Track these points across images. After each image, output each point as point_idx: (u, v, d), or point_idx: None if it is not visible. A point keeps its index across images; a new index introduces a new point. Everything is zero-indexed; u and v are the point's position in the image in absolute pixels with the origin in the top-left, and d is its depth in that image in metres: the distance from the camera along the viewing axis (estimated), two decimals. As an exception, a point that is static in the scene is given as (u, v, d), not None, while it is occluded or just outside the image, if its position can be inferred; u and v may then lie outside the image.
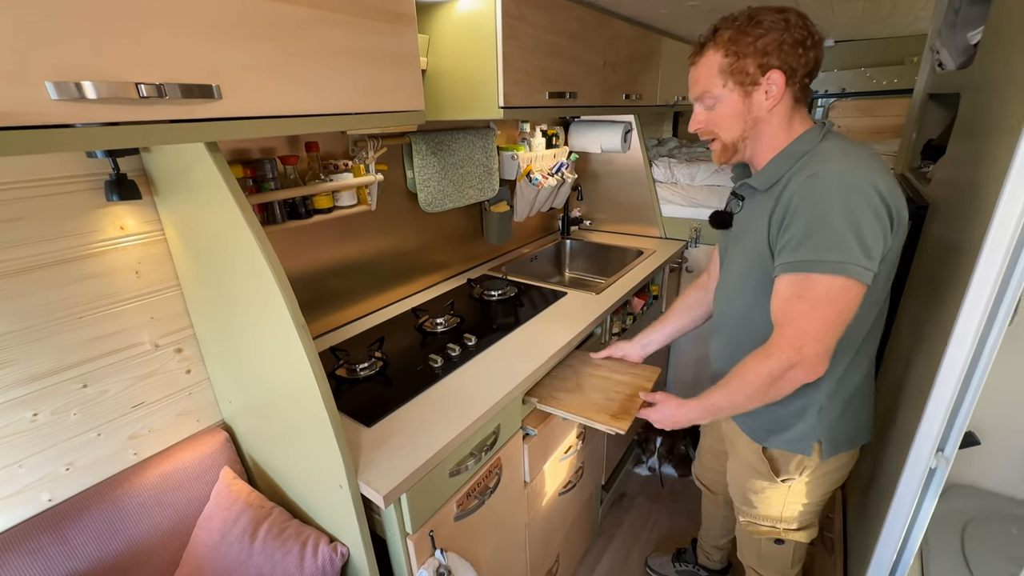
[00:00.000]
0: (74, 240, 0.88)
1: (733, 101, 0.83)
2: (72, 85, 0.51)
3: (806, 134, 0.83)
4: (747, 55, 0.79)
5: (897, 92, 2.47)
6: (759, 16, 0.79)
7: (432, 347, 1.25)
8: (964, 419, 0.77)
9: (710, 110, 0.87)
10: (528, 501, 1.24)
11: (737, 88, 0.82)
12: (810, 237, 0.75)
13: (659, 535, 1.85)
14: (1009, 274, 0.69)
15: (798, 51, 0.77)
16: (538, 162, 1.84)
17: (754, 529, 1.10)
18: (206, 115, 0.63)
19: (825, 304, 0.75)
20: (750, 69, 0.80)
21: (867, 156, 0.79)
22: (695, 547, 1.64)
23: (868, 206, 0.73)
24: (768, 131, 0.85)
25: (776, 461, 1.00)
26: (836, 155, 0.78)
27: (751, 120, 0.84)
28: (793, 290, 0.77)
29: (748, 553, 1.20)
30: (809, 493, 1.00)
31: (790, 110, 0.83)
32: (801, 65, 0.79)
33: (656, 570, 1.68)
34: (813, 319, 0.76)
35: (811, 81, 0.83)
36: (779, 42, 0.77)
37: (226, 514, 0.99)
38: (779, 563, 1.13)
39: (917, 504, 0.84)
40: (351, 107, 0.82)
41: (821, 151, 0.81)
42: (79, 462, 0.95)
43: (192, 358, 1.09)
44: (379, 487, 0.79)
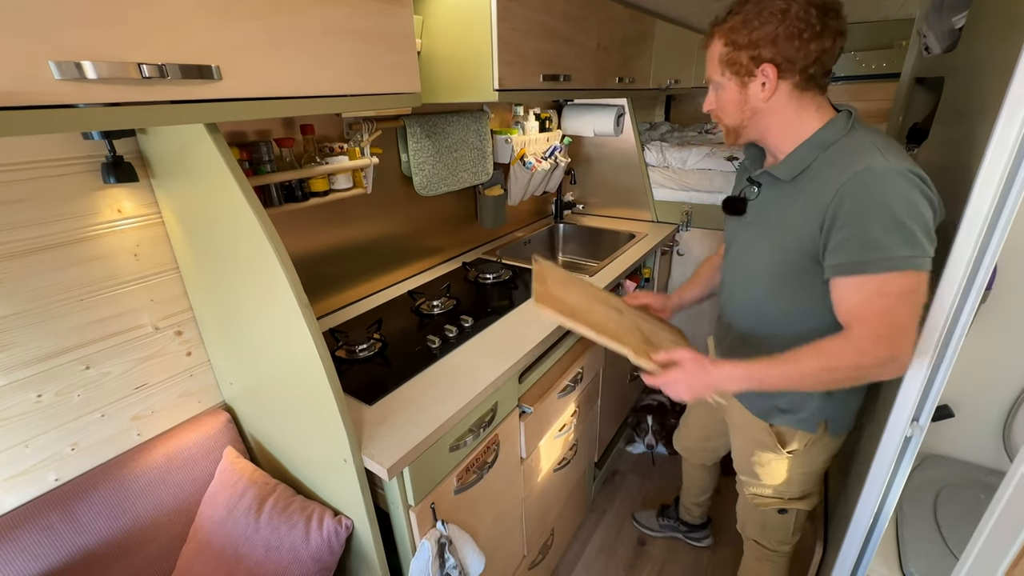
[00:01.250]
0: (72, 223, 0.88)
1: (731, 90, 0.84)
2: (74, 65, 0.52)
3: (831, 124, 0.81)
4: (741, 47, 0.80)
5: (886, 76, 2.49)
6: (759, 4, 0.78)
7: (429, 328, 1.28)
8: (937, 392, 0.82)
9: (716, 94, 0.88)
10: (524, 477, 1.29)
11: (734, 78, 0.83)
12: (884, 235, 0.72)
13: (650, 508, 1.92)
14: (982, 253, 0.73)
15: (794, 43, 0.76)
16: (532, 146, 1.84)
17: (760, 501, 1.13)
18: (206, 96, 0.64)
19: (909, 298, 0.74)
20: (744, 61, 0.80)
21: (900, 148, 0.79)
22: (677, 504, 1.75)
23: (923, 198, 0.73)
24: (776, 120, 0.84)
25: (783, 436, 1.02)
26: (878, 149, 0.76)
27: (748, 110, 0.84)
28: (872, 288, 0.75)
29: (751, 526, 1.22)
30: (811, 462, 1.03)
31: (796, 100, 0.82)
32: (800, 57, 0.77)
33: (642, 523, 1.81)
34: (902, 314, 0.74)
35: (823, 70, 0.80)
36: (773, 35, 0.77)
37: (231, 491, 1.02)
38: (782, 532, 1.16)
39: (893, 470, 0.89)
40: (349, 88, 0.82)
41: (853, 144, 0.79)
42: (84, 442, 0.97)
43: (192, 340, 1.10)
44: (382, 461, 0.82)
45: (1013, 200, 0.68)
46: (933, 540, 1.03)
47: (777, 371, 0.82)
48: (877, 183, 0.73)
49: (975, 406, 1.20)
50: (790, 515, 1.13)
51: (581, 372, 1.44)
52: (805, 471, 1.05)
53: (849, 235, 0.75)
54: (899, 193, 0.72)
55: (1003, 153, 0.67)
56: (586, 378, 1.49)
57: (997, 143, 0.67)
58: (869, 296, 0.75)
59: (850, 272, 0.76)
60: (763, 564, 1.25)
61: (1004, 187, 0.68)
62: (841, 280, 0.78)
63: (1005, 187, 0.68)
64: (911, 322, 0.74)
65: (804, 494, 1.10)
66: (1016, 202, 0.68)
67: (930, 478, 1.21)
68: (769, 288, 0.91)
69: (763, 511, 1.15)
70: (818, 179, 0.80)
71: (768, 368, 0.82)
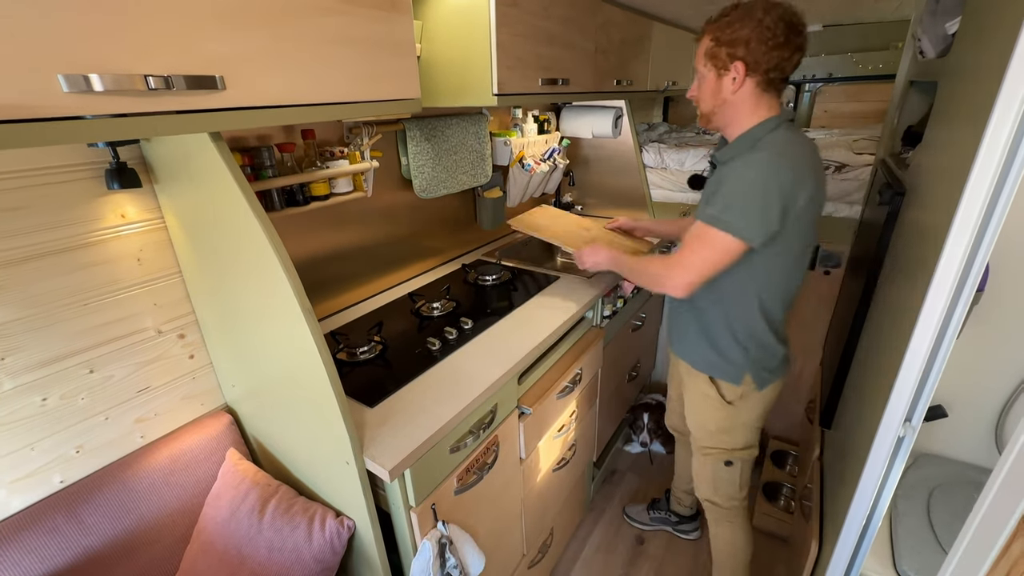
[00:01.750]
0: (76, 228, 0.89)
1: (710, 80, 1.02)
2: (82, 78, 0.53)
3: (765, 122, 1.00)
4: (722, 44, 0.97)
5: (882, 77, 2.50)
6: (746, 11, 0.94)
7: (429, 331, 1.29)
8: (930, 390, 0.83)
9: (699, 83, 1.06)
10: (524, 477, 1.30)
11: (714, 70, 1.00)
12: (725, 201, 0.96)
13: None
14: (974, 254, 0.74)
15: (762, 48, 0.93)
16: (530, 148, 1.86)
17: (707, 452, 1.29)
18: (211, 105, 0.65)
19: (712, 249, 0.99)
20: (722, 56, 0.97)
21: (793, 151, 0.98)
22: (668, 497, 1.81)
23: (777, 190, 0.94)
24: (735, 112, 1.02)
25: (721, 389, 1.21)
26: (771, 146, 0.97)
27: (720, 99, 1.02)
28: (698, 230, 1.01)
29: (703, 484, 1.36)
30: (749, 413, 1.21)
31: (756, 97, 0.99)
32: (764, 60, 0.94)
33: (633, 517, 1.85)
34: (700, 257, 1.00)
35: (781, 75, 0.98)
36: (747, 39, 0.94)
37: (234, 492, 1.03)
38: (730, 486, 1.32)
39: (886, 470, 0.91)
40: (350, 96, 0.83)
41: (768, 141, 0.98)
42: (88, 445, 0.98)
43: (195, 343, 1.11)
44: (384, 463, 0.83)
45: (1004, 201, 0.69)
46: (926, 538, 1.05)
47: (630, 262, 1.19)
48: (748, 167, 0.96)
49: (968, 406, 1.22)
50: (735, 467, 1.29)
51: (580, 373, 1.45)
52: (743, 422, 1.22)
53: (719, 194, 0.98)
54: (756, 177, 0.94)
55: (994, 155, 0.68)
56: (585, 378, 1.51)
57: (988, 145, 0.68)
58: (694, 233, 1.02)
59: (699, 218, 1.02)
60: (723, 527, 1.38)
61: (995, 188, 0.69)
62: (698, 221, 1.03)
63: (996, 188, 0.69)
64: (701, 265, 1.01)
65: (746, 445, 1.26)
66: (1007, 203, 0.69)
67: (923, 477, 1.22)
68: None
69: (712, 467, 1.30)
70: (733, 165, 1.00)
71: (629, 260, 1.20)
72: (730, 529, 1.38)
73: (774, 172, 0.93)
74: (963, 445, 1.26)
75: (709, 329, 1.17)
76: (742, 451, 1.26)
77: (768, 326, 1.12)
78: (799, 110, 2.78)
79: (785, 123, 1.01)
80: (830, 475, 1.46)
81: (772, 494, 1.89)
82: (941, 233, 0.76)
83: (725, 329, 1.13)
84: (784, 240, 1.00)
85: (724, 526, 1.38)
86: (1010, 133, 0.66)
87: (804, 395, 2.12)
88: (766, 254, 1.01)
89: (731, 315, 1.11)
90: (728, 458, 1.27)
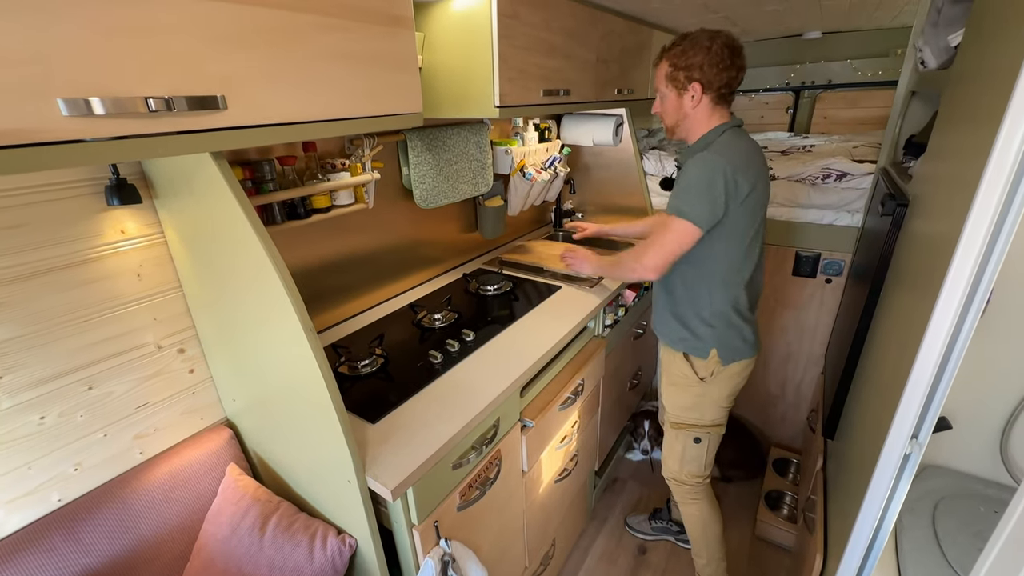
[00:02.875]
0: (75, 245, 0.88)
1: (672, 98, 1.20)
2: (83, 101, 0.52)
3: (716, 128, 1.18)
4: (680, 68, 1.15)
5: (882, 84, 2.51)
6: (695, 40, 1.13)
7: (431, 343, 1.28)
8: (937, 408, 0.83)
9: (661, 101, 1.24)
10: (526, 489, 1.29)
11: (674, 90, 1.18)
12: (681, 194, 1.15)
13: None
14: (984, 265, 0.73)
15: (714, 71, 1.12)
16: (531, 156, 1.85)
17: (679, 427, 1.41)
18: (212, 125, 0.64)
19: (673, 235, 1.15)
20: (681, 78, 1.16)
21: (735, 149, 1.15)
22: (669, 506, 1.81)
23: (721, 182, 1.10)
24: (694, 123, 1.21)
25: (695, 365, 1.34)
26: (715, 147, 1.15)
27: (681, 113, 1.20)
28: (662, 219, 1.18)
29: (671, 460, 1.48)
30: (718, 391, 1.34)
31: (710, 110, 1.18)
32: (716, 80, 1.13)
33: (634, 527, 1.86)
34: (663, 243, 1.17)
35: (729, 91, 1.16)
36: (701, 63, 1.12)
37: (235, 509, 1.02)
38: (696, 464, 1.44)
39: (892, 488, 0.90)
40: (352, 111, 0.83)
41: (716, 142, 1.16)
42: (87, 462, 0.97)
43: (195, 358, 1.11)
44: (386, 482, 0.82)
45: (1016, 209, 0.68)
46: (932, 552, 1.04)
47: (609, 264, 1.36)
48: (697, 164, 1.13)
49: (972, 418, 1.21)
50: (703, 444, 1.40)
51: (582, 384, 1.45)
52: (713, 399, 1.35)
53: (676, 189, 1.18)
54: (702, 173, 1.12)
55: (1005, 162, 0.66)
56: (587, 389, 1.50)
57: (1000, 152, 0.66)
58: (659, 223, 1.19)
59: (667, 210, 1.19)
60: (689, 506, 1.50)
61: (1007, 196, 0.67)
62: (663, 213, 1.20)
63: (1008, 195, 0.67)
64: (663, 250, 1.17)
65: (714, 422, 1.38)
66: (1019, 211, 0.68)
67: (929, 489, 1.22)
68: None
69: (681, 444, 1.43)
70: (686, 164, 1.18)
71: (608, 263, 1.38)
72: (697, 507, 1.49)
73: (717, 167, 1.10)
74: (968, 457, 1.26)
75: (680, 309, 1.32)
76: (711, 427, 1.39)
77: (731, 306, 1.27)
78: (799, 116, 2.78)
79: (732, 128, 1.18)
80: (834, 487, 1.45)
81: (774, 503, 1.88)
82: (950, 244, 0.74)
83: (692, 308, 1.29)
84: (732, 225, 1.17)
85: (691, 505, 1.49)
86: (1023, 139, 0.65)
87: (806, 403, 2.11)
88: (719, 238, 1.18)
89: (697, 295, 1.27)
90: (698, 434, 1.39)
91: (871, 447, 0.99)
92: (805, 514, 1.49)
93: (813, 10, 1.90)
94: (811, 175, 1.82)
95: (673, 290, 1.32)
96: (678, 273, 1.28)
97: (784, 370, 2.09)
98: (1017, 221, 0.68)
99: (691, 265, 1.24)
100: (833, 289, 1.89)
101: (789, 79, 2.73)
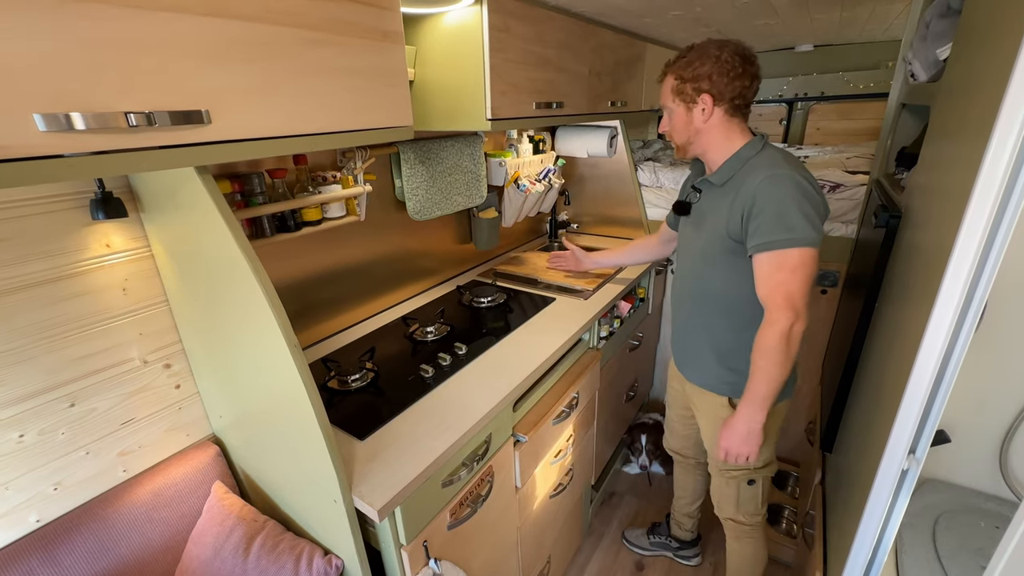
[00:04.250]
0: (59, 259, 0.87)
1: (680, 113, 1.11)
2: (61, 117, 0.52)
3: (749, 144, 1.08)
4: (688, 80, 1.06)
5: (873, 96, 2.53)
6: (702, 50, 1.05)
7: (423, 356, 1.27)
8: (934, 423, 0.81)
9: (669, 117, 1.14)
10: (520, 506, 1.27)
11: (682, 104, 1.09)
12: (779, 222, 0.98)
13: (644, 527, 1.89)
14: (978, 277, 0.72)
15: (724, 80, 1.03)
16: (525, 168, 1.85)
17: (731, 475, 1.29)
18: (196, 140, 0.64)
19: (800, 269, 0.98)
20: (689, 91, 1.06)
21: (799, 163, 1.06)
22: (668, 521, 1.77)
23: (809, 197, 0.99)
24: (711, 139, 1.09)
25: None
26: (781, 162, 1.02)
27: (693, 129, 1.10)
28: (774, 264, 1.00)
29: (726, 505, 1.36)
30: (767, 432, 1.18)
31: (726, 123, 1.08)
32: (728, 90, 1.03)
33: (632, 542, 1.82)
34: (795, 282, 0.98)
35: (744, 102, 1.07)
36: (710, 73, 1.03)
37: (219, 528, 0.99)
38: (753, 504, 1.34)
39: (890, 504, 0.88)
40: (340, 126, 0.82)
41: (765, 158, 1.05)
42: (67, 481, 0.94)
43: (181, 373, 1.09)
44: (373, 502, 0.80)
45: (1009, 219, 0.67)
46: (934, 571, 1.02)
47: (758, 382, 1.04)
48: (778, 184, 0.99)
49: (971, 431, 1.20)
50: (758, 485, 1.30)
51: (577, 396, 1.43)
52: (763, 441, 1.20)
53: (760, 222, 1.00)
54: (795, 192, 0.98)
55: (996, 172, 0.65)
56: (582, 402, 1.48)
57: (990, 162, 0.66)
58: (771, 271, 1.00)
59: (762, 249, 1.00)
60: (744, 543, 1.39)
61: (999, 206, 0.67)
62: (758, 256, 1.02)
63: (1000, 206, 0.67)
64: (801, 289, 0.99)
65: (766, 463, 1.28)
66: (1012, 221, 0.67)
67: (928, 504, 1.20)
68: (706, 264, 1.15)
69: (735, 487, 1.30)
70: (740, 183, 1.04)
71: (753, 388, 1.06)
72: (751, 544, 1.39)
73: (802, 183, 0.99)
74: (967, 470, 1.24)
75: (725, 349, 1.18)
76: (763, 469, 1.28)
77: None
78: (793, 127, 2.81)
79: (768, 143, 1.10)
80: (832, 502, 1.43)
81: (774, 517, 1.86)
82: (943, 255, 0.74)
83: (740, 347, 1.13)
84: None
85: (745, 542, 1.40)
86: (1013, 149, 0.64)
87: (804, 415, 2.09)
88: None
89: (745, 333, 1.10)
90: (751, 477, 1.28)
91: (869, 462, 0.98)
92: (804, 529, 1.46)
93: (804, 24, 1.92)
94: (805, 186, 1.82)
95: (716, 329, 1.18)
96: (715, 309, 1.15)
97: (781, 381, 2.07)
98: (1010, 231, 0.68)
99: (739, 299, 1.10)
100: (828, 300, 1.88)
101: (782, 91, 2.76)
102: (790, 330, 0.99)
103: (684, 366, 1.32)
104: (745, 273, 1.06)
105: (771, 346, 1.00)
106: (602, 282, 1.73)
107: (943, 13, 1.16)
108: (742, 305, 1.10)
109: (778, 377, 1.03)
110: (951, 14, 1.15)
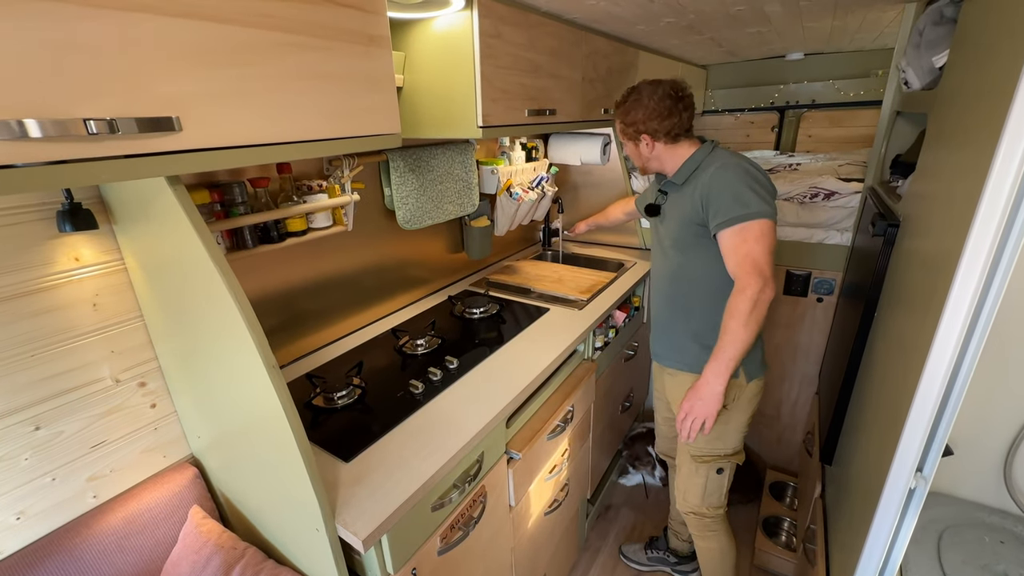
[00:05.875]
0: (22, 275, 0.82)
1: (631, 147, 1.29)
2: (14, 124, 0.47)
3: (700, 150, 1.22)
4: (628, 125, 1.24)
5: (864, 104, 2.54)
6: (636, 98, 1.20)
7: (413, 371, 1.22)
8: (942, 439, 0.79)
9: (625, 147, 1.32)
10: (514, 526, 1.22)
11: (630, 141, 1.27)
12: (736, 200, 1.09)
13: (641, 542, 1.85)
14: (987, 287, 0.69)
15: (656, 122, 1.19)
16: (518, 176, 1.82)
17: (702, 460, 1.34)
18: (165, 148, 0.59)
19: (763, 239, 1.07)
20: (631, 132, 1.24)
21: (745, 158, 1.18)
22: (666, 534, 1.74)
23: (757, 179, 1.12)
24: (663, 159, 1.25)
25: None
26: (729, 157, 1.17)
27: (644, 157, 1.27)
28: (737, 238, 1.09)
29: (692, 496, 1.40)
30: (738, 418, 1.30)
31: (671, 148, 1.23)
32: (663, 128, 1.19)
33: (629, 557, 1.78)
34: (760, 251, 1.07)
35: (682, 129, 1.21)
36: (644, 119, 1.20)
37: (195, 557, 0.94)
38: (718, 495, 1.39)
39: (898, 523, 0.85)
40: (323, 133, 0.79)
41: (716, 157, 1.18)
42: (31, 510, 0.88)
43: (157, 391, 1.03)
44: (358, 530, 0.76)
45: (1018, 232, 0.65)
46: (941, 589, 0.99)
47: (726, 344, 1.10)
48: (728, 170, 1.12)
49: (974, 443, 1.18)
50: (725, 474, 1.36)
51: (572, 410, 1.39)
52: (736, 426, 1.30)
53: (719, 204, 1.11)
54: (741, 175, 1.11)
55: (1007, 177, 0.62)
56: (577, 415, 1.44)
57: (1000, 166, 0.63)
58: (736, 244, 1.09)
59: (724, 226, 1.10)
60: (709, 539, 1.43)
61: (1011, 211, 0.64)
62: (722, 233, 1.11)
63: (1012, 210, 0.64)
64: (766, 257, 1.07)
65: (735, 450, 1.34)
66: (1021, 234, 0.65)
67: (933, 518, 1.17)
68: (678, 252, 1.26)
69: (704, 476, 1.36)
70: (697, 178, 1.18)
71: (722, 350, 1.11)
72: (716, 538, 1.43)
73: (750, 169, 1.12)
74: (970, 483, 1.22)
75: (700, 329, 1.26)
76: (732, 456, 1.34)
77: None
78: (784, 135, 2.81)
79: (717, 147, 1.22)
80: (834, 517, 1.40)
81: (772, 530, 1.82)
82: (949, 265, 0.71)
83: (714, 324, 1.17)
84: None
85: (710, 538, 1.43)
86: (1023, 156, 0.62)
87: (801, 424, 2.07)
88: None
89: (717, 309, 1.17)
90: (720, 465, 1.34)
91: (873, 479, 0.94)
92: (805, 544, 1.43)
93: (795, 32, 1.92)
94: (799, 194, 1.81)
95: (691, 308, 1.26)
96: (690, 292, 1.25)
97: (779, 390, 2.05)
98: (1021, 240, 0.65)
99: (710, 277, 1.20)
100: (824, 308, 1.87)
101: (774, 99, 2.76)
102: (759, 295, 1.06)
103: (664, 356, 1.39)
104: (714, 253, 1.16)
105: (740, 309, 1.08)
106: (597, 291, 1.69)
107: (937, 21, 1.15)
108: (714, 283, 1.20)
109: (745, 339, 1.08)
110: (945, 22, 1.14)
